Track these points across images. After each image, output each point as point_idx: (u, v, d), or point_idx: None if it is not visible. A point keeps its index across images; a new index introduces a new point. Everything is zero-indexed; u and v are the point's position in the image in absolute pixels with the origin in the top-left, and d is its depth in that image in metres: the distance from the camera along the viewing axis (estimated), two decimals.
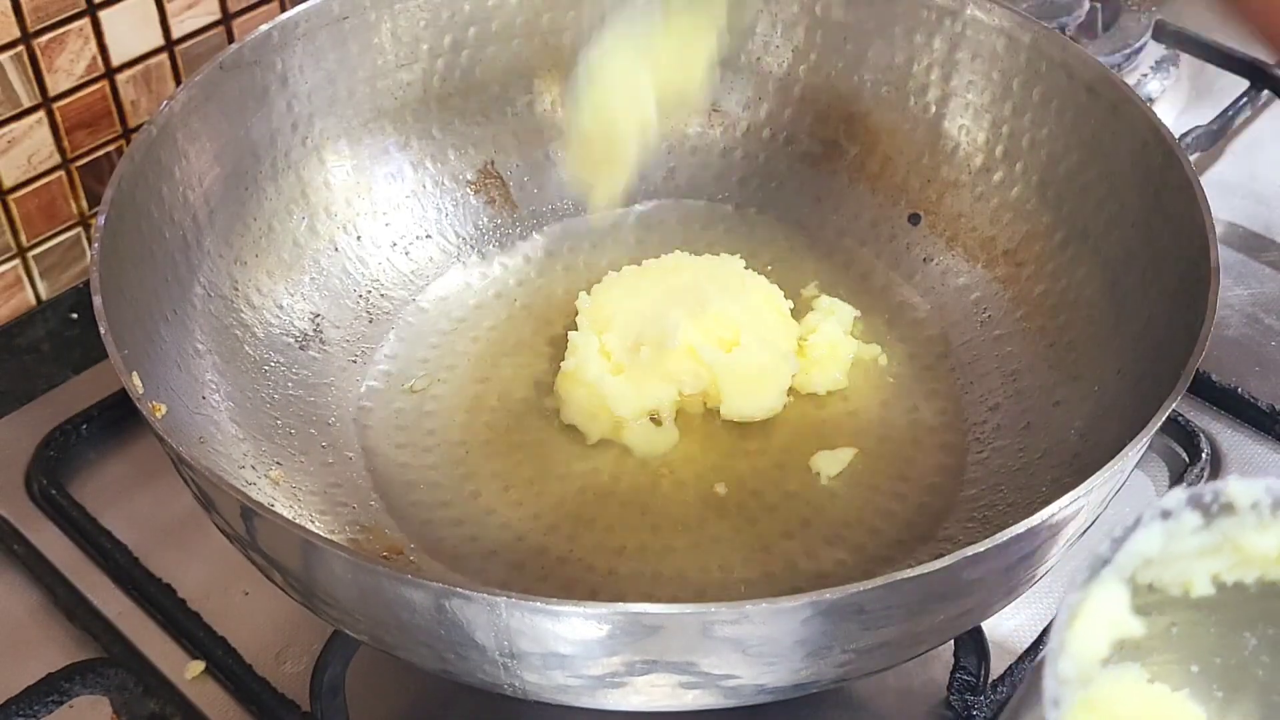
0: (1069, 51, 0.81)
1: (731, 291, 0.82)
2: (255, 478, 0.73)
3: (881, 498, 0.76)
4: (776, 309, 0.83)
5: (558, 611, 0.54)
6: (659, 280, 0.84)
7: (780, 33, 0.92)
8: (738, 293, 0.82)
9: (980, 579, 0.58)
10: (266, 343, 0.80)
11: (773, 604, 0.53)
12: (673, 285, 0.83)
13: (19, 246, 0.91)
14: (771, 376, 0.80)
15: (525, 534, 0.75)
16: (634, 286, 0.84)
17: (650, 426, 0.79)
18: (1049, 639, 0.41)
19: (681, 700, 0.59)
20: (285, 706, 0.71)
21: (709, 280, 0.83)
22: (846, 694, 0.73)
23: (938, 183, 0.89)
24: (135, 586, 0.77)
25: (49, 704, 0.69)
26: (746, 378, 0.79)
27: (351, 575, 0.57)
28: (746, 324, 0.80)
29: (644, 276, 0.85)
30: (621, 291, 0.83)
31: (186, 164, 0.77)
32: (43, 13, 0.84)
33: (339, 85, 0.85)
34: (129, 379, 0.63)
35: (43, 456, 0.83)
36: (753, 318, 0.81)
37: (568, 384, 0.79)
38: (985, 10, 0.84)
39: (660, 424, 0.79)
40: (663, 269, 0.85)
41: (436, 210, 0.90)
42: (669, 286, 0.83)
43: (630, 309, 0.81)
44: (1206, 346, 0.64)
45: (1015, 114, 0.85)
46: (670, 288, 0.83)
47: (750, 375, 0.79)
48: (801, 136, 0.93)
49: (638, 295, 0.82)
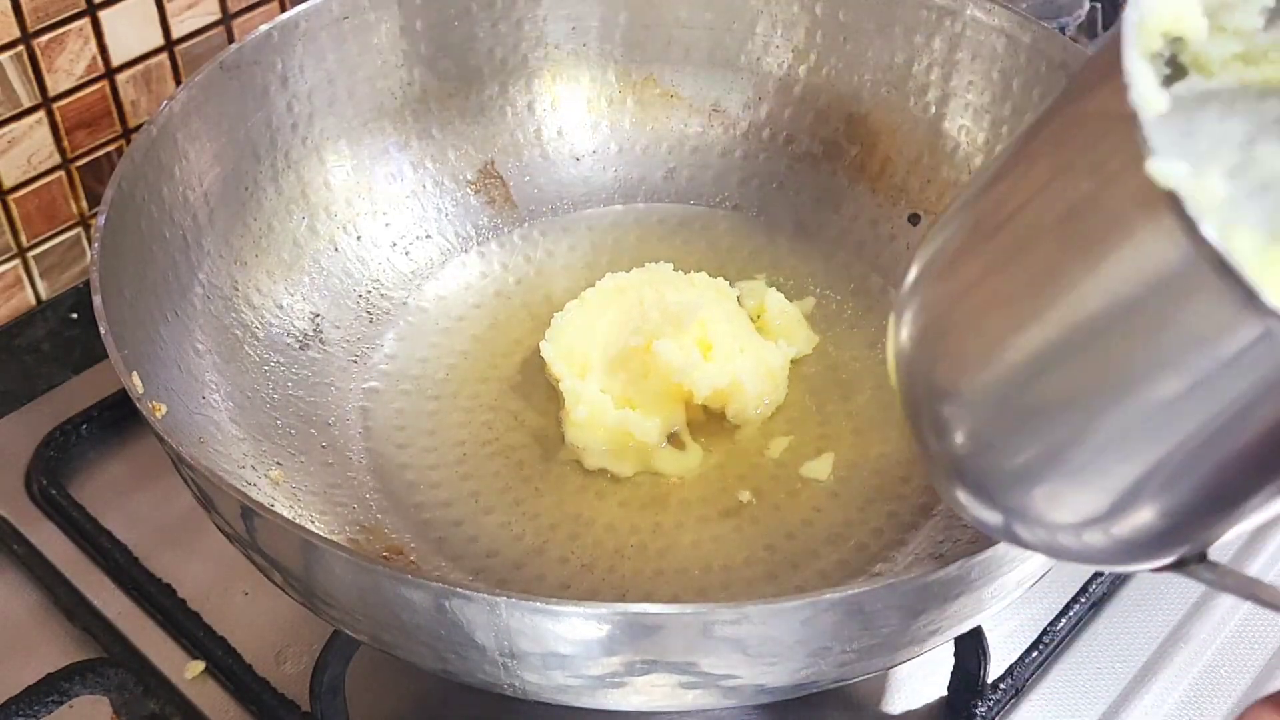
0: (1069, 52, 0.81)
1: (694, 302, 0.81)
2: (255, 478, 0.73)
3: (883, 498, 0.76)
4: (729, 299, 0.83)
5: (558, 611, 0.54)
6: (606, 308, 0.82)
7: (780, 33, 0.92)
8: (702, 301, 0.81)
9: (980, 579, 0.58)
10: (266, 343, 0.80)
11: (773, 604, 0.53)
12: (626, 308, 0.81)
13: (19, 246, 0.91)
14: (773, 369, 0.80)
15: (525, 533, 0.75)
16: (587, 324, 0.81)
17: (674, 450, 0.78)
18: None
19: (682, 700, 0.59)
20: (285, 706, 0.71)
21: (660, 293, 0.82)
22: (846, 694, 0.73)
23: (938, 183, 0.89)
24: (135, 586, 0.77)
25: (49, 704, 0.69)
26: (754, 377, 0.79)
27: (351, 575, 0.57)
28: (725, 330, 0.80)
29: (591, 309, 0.82)
30: (577, 331, 0.81)
31: (186, 164, 0.77)
32: (43, 13, 0.84)
33: (339, 85, 0.85)
34: (129, 379, 0.63)
35: (43, 456, 0.83)
36: (734, 324, 0.81)
37: (584, 432, 0.77)
38: (985, 10, 0.84)
39: (684, 445, 0.79)
40: (604, 295, 0.83)
41: (436, 210, 0.90)
42: (624, 311, 0.81)
43: (597, 345, 0.80)
44: None
45: (1015, 114, 0.85)
46: (625, 312, 0.81)
47: (757, 374, 0.79)
48: (801, 136, 0.93)
49: (595, 332, 0.80)
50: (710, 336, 0.79)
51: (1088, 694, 0.73)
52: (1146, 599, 0.77)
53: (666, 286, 0.83)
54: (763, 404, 0.80)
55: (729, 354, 0.79)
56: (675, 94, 0.94)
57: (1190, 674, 0.74)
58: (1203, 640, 0.76)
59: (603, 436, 0.77)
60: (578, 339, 0.80)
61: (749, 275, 0.89)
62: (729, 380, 0.78)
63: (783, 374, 0.81)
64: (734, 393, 0.78)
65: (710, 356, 0.78)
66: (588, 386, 0.78)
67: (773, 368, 0.80)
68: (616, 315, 0.81)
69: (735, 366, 0.78)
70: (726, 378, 0.78)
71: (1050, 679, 0.74)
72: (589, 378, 0.78)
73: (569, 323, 0.82)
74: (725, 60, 0.93)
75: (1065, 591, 0.76)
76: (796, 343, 0.83)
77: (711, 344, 0.79)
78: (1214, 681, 0.74)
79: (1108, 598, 0.77)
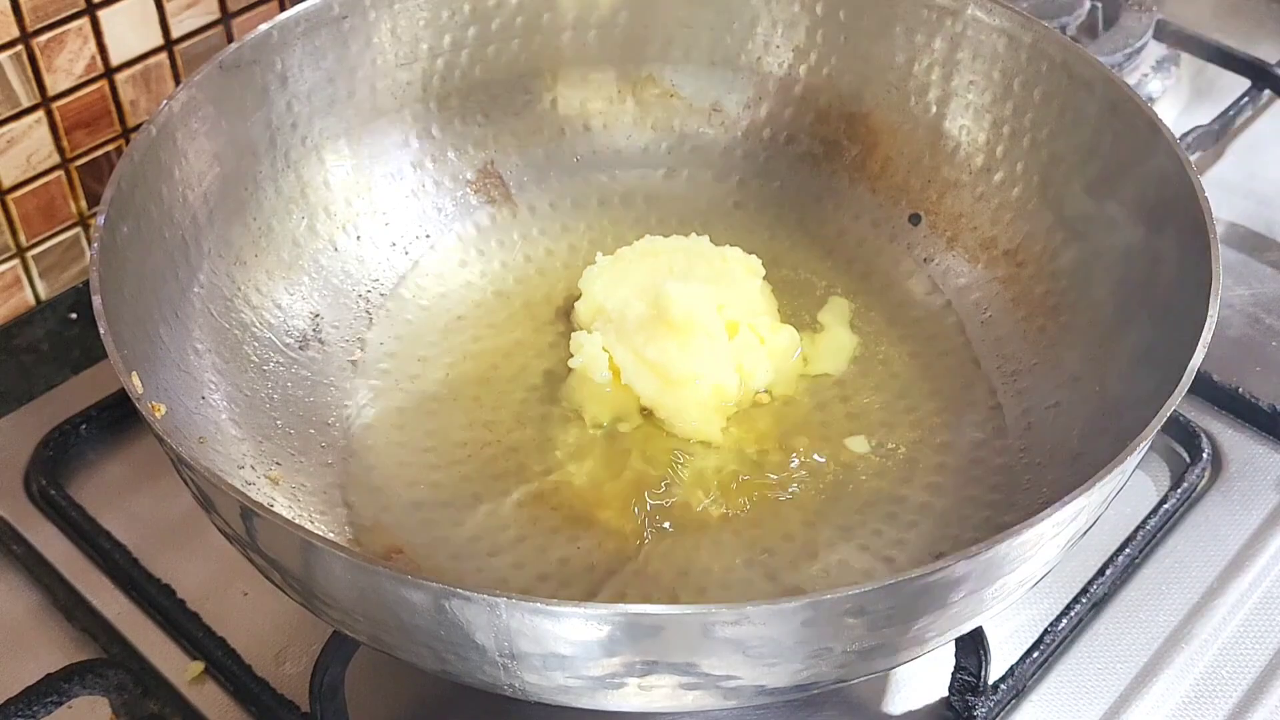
0: (1070, 51, 0.81)
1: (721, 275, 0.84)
2: (255, 478, 0.73)
3: (883, 499, 0.76)
4: (755, 277, 0.85)
5: (558, 612, 0.53)
6: (636, 266, 0.85)
7: (780, 33, 0.92)
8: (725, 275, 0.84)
9: (981, 580, 0.58)
10: (266, 343, 0.80)
11: (773, 605, 0.53)
12: (653, 271, 0.84)
13: (18, 246, 0.91)
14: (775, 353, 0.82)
15: (525, 533, 0.74)
16: (618, 277, 0.84)
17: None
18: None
19: (682, 701, 0.59)
20: (285, 707, 0.71)
21: (691, 264, 0.85)
22: (846, 694, 0.73)
23: (938, 183, 0.88)
24: (134, 587, 0.77)
25: (48, 704, 0.69)
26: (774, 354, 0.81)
27: (351, 575, 0.57)
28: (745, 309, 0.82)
29: (623, 265, 0.85)
30: (605, 284, 0.84)
31: (186, 164, 0.77)
32: (42, 12, 0.84)
33: (339, 85, 0.85)
34: (129, 379, 0.63)
35: (42, 456, 0.83)
36: (746, 307, 0.83)
37: (688, 388, 0.79)
38: (986, 10, 0.84)
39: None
40: (638, 254, 0.86)
41: (436, 210, 0.90)
42: (649, 273, 0.84)
43: (615, 300, 0.82)
44: (1207, 347, 0.64)
45: (1016, 114, 0.85)
46: (650, 274, 0.84)
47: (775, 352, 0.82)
48: (802, 136, 0.93)
49: (620, 287, 0.83)
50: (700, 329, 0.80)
51: (1089, 694, 0.73)
52: (1148, 599, 0.77)
53: (698, 259, 0.84)
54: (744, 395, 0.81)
55: (711, 355, 0.79)
56: (675, 94, 0.94)
57: (1191, 674, 0.74)
58: (1204, 641, 0.75)
59: (591, 390, 0.80)
60: (608, 291, 0.83)
61: None
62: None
63: (786, 362, 0.82)
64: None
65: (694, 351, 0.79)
66: (591, 340, 0.80)
67: (775, 352, 0.81)
68: (641, 277, 0.83)
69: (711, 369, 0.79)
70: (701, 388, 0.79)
71: (1051, 679, 0.74)
72: (597, 332, 0.81)
73: (600, 275, 0.84)
74: (725, 60, 0.93)
75: (1066, 592, 0.76)
76: (828, 364, 0.84)
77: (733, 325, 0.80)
78: (1215, 682, 0.74)
79: (1109, 598, 0.77)
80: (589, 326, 0.82)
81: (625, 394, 0.80)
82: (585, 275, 0.85)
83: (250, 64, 0.80)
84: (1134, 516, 0.80)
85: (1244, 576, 0.78)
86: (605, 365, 0.80)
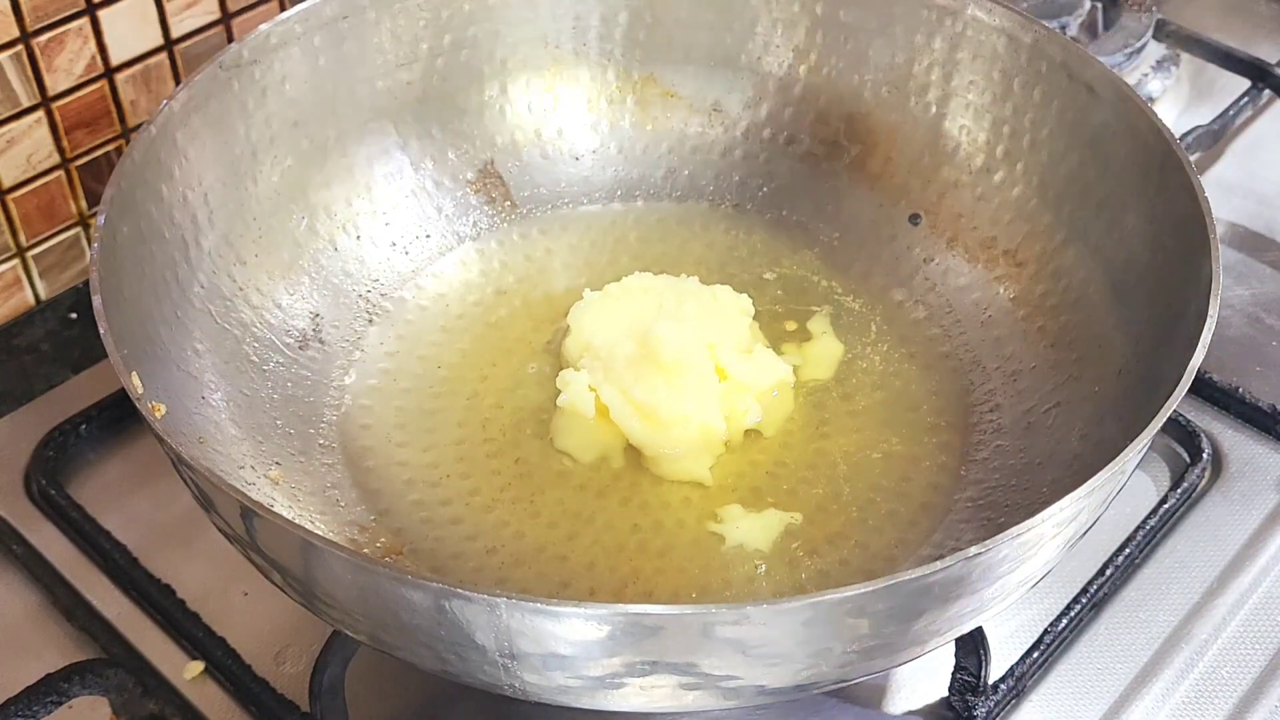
0: (1070, 51, 0.81)
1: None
2: (255, 478, 0.73)
3: (883, 498, 0.76)
4: (744, 318, 0.83)
5: (558, 612, 0.53)
6: (625, 304, 0.83)
7: (780, 33, 0.92)
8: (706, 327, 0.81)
9: (981, 580, 0.58)
10: (266, 343, 0.80)
11: (773, 604, 0.53)
12: (641, 311, 0.82)
13: (18, 246, 0.91)
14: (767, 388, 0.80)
15: (525, 532, 0.74)
16: (607, 316, 0.82)
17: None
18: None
19: (682, 701, 0.59)
20: (285, 707, 0.71)
21: (680, 303, 0.82)
22: (847, 694, 0.73)
23: (938, 183, 0.88)
24: (134, 587, 0.77)
25: (48, 704, 0.69)
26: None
27: (351, 575, 0.57)
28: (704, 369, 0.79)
29: (611, 303, 0.83)
30: (595, 320, 0.82)
31: (186, 164, 0.77)
32: (42, 12, 0.84)
33: (339, 85, 0.85)
34: (129, 379, 0.63)
35: (42, 456, 0.83)
36: (731, 349, 0.81)
37: (676, 429, 0.77)
38: (986, 10, 0.84)
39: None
40: (626, 292, 0.84)
41: (436, 210, 0.90)
42: (637, 313, 0.82)
43: (602, 337, 0.80)
44: (1207, 347, 0.64)
45: (1016, 114, 0.85)
46: (637, 314, 0.82)
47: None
48: (802, 136, 0.93)
49: (609, 326, 0.81)
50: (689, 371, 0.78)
51: (1089, 694, 0.73)
52: (1148, 599, 0.77)
53: (688, 297, 0.82)
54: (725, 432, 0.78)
55: (700, 396, 0.78)
56: (675, 94, 0.94)
57: (1191, 674, 0.74)
58: (1204, 640, 0.75)
59: (577, 428, 0.78)
60: (596, 328, 0.81)
61: (749, 275, 0.88)
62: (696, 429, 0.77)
63: (782, 392, 0.81)
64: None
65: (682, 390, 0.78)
66: (578, 378, 0.78)
67: (764, 393, 0.80)
68: (629, 316, 0.81)
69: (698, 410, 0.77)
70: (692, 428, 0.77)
71: (1051, 679, 0.74)
72: (584, 370, 0.79)
73: (589, 310, 0.82)
74: (725, 60, 0.93)
75: (1066, 592, 0.76)
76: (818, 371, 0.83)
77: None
78: (1215, 682, 0.74)
79: (1109, 598, 0.77)
80: (576, 363, 0.80)
81: (612, 431, 0.78)
82: (573, 311, 0.83)
83: (250, 64, 0.80)
84: (1134, 516, 0.80)
85: (1244, 576, 0.78)
86: (592, 404, 0.78)
